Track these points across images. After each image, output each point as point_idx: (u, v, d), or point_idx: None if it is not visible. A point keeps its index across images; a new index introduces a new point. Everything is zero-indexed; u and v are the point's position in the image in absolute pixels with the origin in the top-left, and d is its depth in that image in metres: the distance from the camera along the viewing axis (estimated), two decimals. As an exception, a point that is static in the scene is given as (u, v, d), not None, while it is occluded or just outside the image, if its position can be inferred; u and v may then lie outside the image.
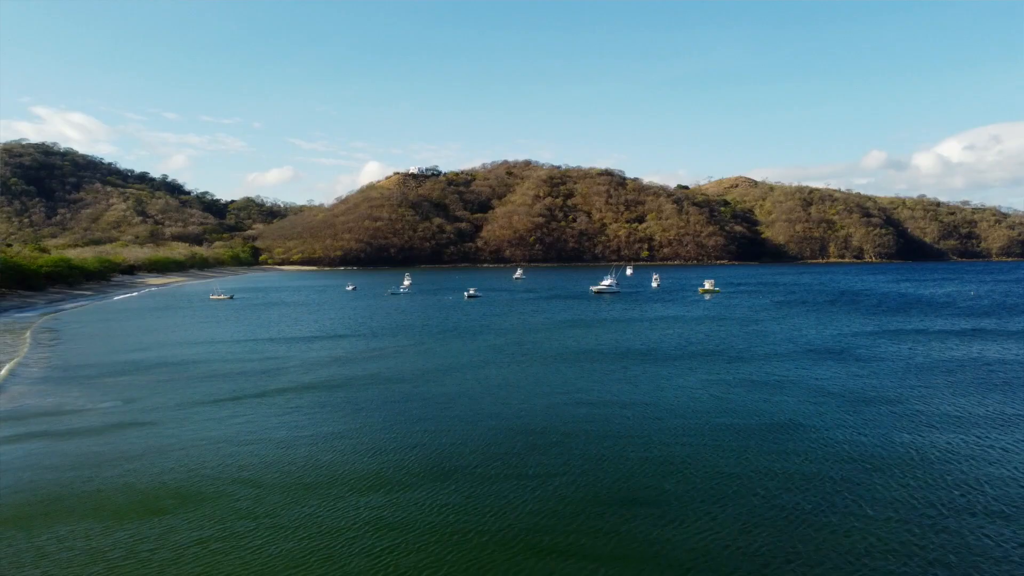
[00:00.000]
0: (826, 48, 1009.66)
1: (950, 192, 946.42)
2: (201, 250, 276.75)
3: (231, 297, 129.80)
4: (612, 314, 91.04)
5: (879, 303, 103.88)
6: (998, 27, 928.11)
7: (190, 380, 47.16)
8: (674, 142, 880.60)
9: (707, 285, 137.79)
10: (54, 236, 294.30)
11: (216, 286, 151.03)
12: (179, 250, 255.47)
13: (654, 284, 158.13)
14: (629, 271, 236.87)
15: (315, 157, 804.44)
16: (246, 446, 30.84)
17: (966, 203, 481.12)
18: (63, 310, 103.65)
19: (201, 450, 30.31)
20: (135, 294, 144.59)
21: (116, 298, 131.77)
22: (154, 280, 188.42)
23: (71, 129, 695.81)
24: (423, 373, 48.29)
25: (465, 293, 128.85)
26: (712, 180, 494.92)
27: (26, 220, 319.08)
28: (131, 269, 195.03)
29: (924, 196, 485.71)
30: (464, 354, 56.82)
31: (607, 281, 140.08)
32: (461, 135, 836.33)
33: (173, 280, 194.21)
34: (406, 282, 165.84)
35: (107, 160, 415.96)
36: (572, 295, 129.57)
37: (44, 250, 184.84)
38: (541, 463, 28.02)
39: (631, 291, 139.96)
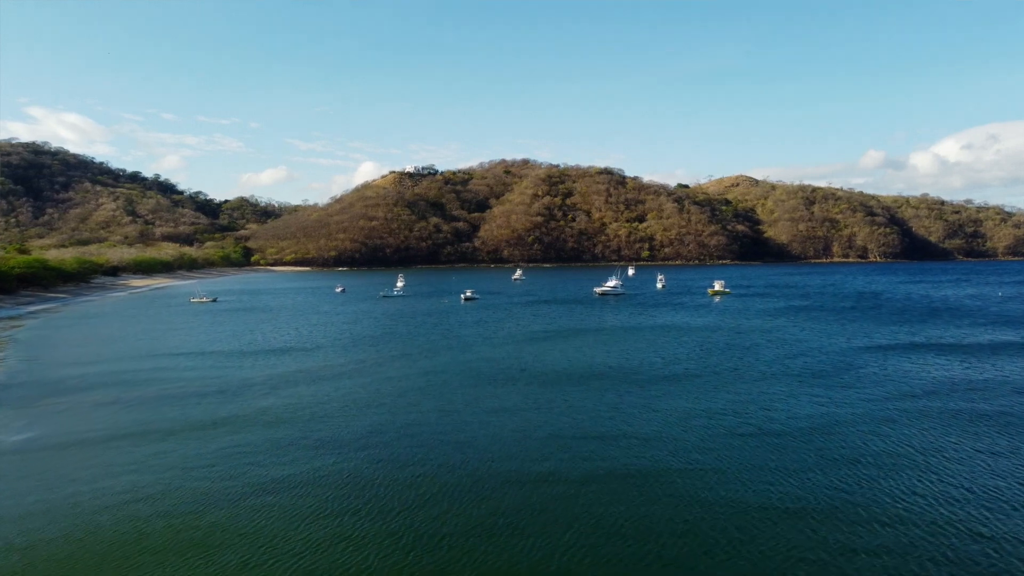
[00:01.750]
0: (823, 48, 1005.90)
1: (948, 192, 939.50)
2: (190, 250, 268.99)
3: (214, 300, 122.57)
4: (620, 320, 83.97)
5: (904, 308, 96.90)
6: (996, 27, 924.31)
7: (133, 403, 40.09)
8: (672, 142, 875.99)
9: (716, 287, 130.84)
10: (41, 237, 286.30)
11: (198, 288, 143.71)
12: (167, 250, 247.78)
13: (659, 285, 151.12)
14: (631, 271, 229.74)
15: (313, 157, 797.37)
16: (158, 510, 23.46)
17: (969, 202, 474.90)
18: (26, 315, 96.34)
19: (97, 513, 23.16)
20: (113, 296, 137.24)
21: (90, 301, 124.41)
22: (138, 282, 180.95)
23: (65, 130, 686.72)
24: (402, 396, 41.17)
25: (462, 296, 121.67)
26: (712, 179, 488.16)
27: (12, 220, 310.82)
28: (114, 270, 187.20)
29: (927, 195, 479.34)
30: (454, 370, 49.70)
31: (611, 282, 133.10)
32: (460, 135, 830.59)
33: (158, 282, 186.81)
34: (399, 284, 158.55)
35: (100, 160, 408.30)
36: (575, 298, 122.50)
37: (25, 251, 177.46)
38: (543, 528, 20.97)
39: (636, 293, 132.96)
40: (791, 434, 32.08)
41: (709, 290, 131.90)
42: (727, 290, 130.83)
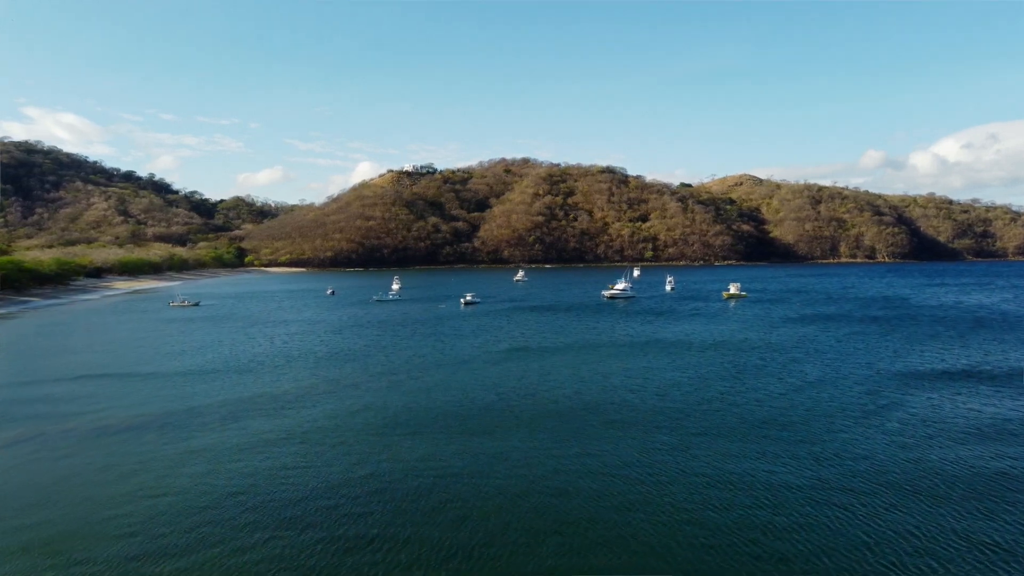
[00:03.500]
0: (823, 48, 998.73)
1: (949, 192, 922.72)
2: (181, 251, 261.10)
3: (196, 304, 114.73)
4: (634, 330, 75.96)
5: (942, 317, 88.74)
6: (996, 27, 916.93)
7: (54, 442, 32.42)
8: (672, 142, 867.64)
9: (732, 290, 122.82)
10: (29, 237, 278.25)
11: (179, 292, 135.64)
12: (156, 251, 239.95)
13: (668, 288, 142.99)
14: (636, 272, 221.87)
15: (312, 157, 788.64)
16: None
17: (976, 201, 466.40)
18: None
19: None
20: (85, 299, 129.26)
21: (58, 305, 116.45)
22: (122, 284, 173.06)
23: (62, 130, 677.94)
24: (376, 433, 33.09)
25: (461, 300, 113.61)
26: (715, 178, 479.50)
27: (0, 220, 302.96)
28: (98, 272, 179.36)
29: (933, 194, 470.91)
30: (445, 396, 41.67)
31: (620, 285, 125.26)
32: (459, 135, 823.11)
33: (142, 284, 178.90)
34: (395, 286, 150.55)
35: (94, 160, 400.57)
36: (581, 302, 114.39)
37: (5, 251, 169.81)
38: None
39: (645, 297, 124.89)
40: (878, 494, 24.18)
41: (724, 293, 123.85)
42: (743, 293, 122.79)
